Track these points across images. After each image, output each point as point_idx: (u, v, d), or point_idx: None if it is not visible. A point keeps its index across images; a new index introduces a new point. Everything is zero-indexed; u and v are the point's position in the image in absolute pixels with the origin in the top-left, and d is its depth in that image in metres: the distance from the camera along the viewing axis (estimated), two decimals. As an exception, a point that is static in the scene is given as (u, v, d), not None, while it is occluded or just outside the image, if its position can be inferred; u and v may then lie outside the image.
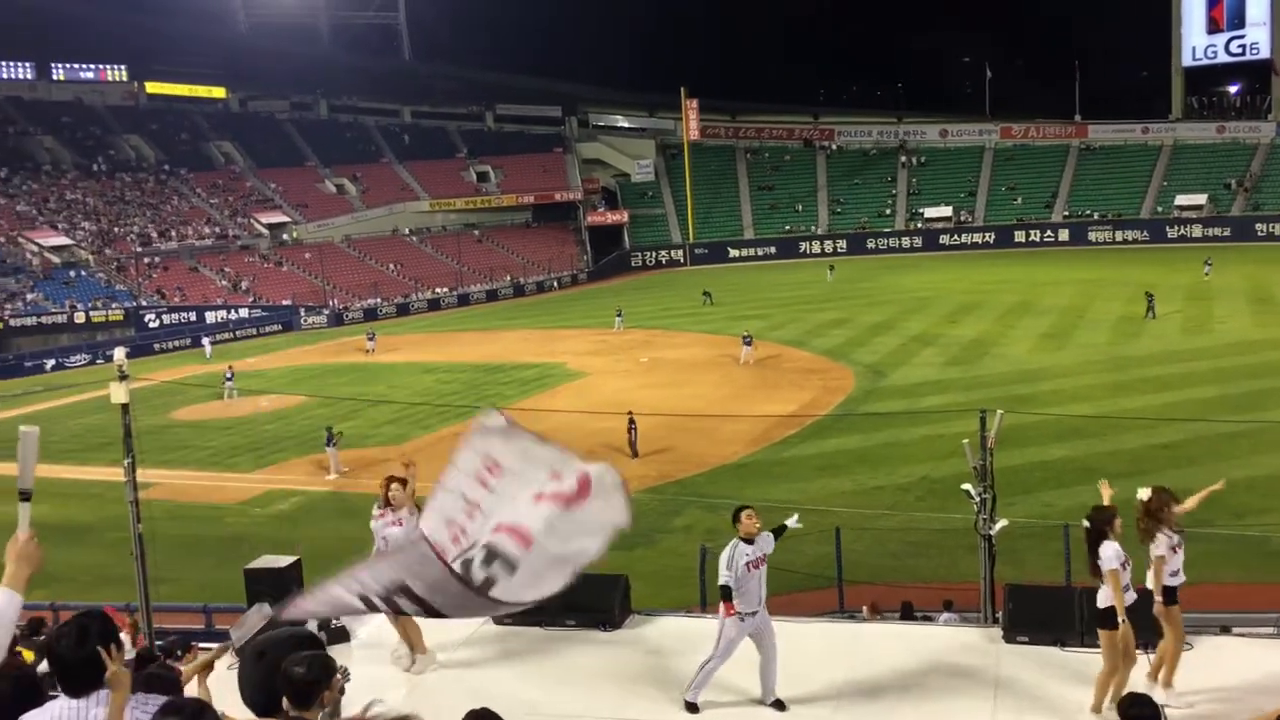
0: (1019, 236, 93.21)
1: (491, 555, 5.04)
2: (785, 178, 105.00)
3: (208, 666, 6.61)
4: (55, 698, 4.44)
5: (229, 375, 46.03)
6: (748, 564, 9.63)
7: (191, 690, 6.17)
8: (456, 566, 4.88)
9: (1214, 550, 18.44)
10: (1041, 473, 27.13)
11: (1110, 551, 8.90)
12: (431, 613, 5.14)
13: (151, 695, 4.49)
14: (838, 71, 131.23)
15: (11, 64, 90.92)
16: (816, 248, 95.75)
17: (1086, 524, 9.14)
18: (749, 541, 9.70)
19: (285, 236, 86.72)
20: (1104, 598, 8.97)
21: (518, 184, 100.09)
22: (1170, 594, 9.25)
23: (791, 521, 10.41)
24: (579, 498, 5.48)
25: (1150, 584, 9.35)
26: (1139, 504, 9.35)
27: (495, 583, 4.94)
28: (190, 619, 17.58)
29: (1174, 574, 9.30)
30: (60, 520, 30.29)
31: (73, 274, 72.85)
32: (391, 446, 34.60)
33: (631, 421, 31.95)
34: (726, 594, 9.52)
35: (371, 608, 5.17)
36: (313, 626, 11.19)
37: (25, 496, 4.54)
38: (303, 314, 72.50)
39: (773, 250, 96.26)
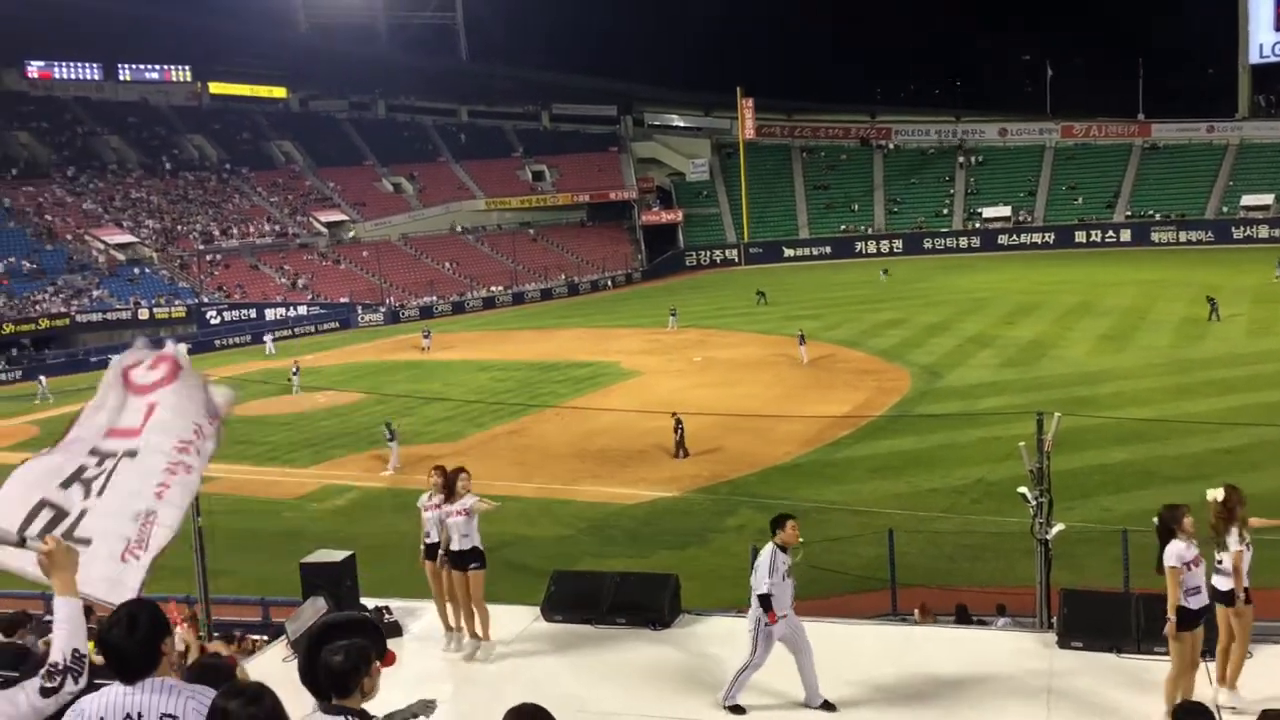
0: (1079, 237, 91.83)
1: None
2: (841, 177, 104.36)
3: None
4: (107, 684, 4.54)
5: (295, 370, 46.84)
6: (785, 572, 9.61)
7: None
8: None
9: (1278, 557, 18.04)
10: (1100, 476, 26.73)
11: (1173, 550, 8.75)
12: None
13: (202, 687, 4.57)
14: (895, 70, 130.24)
15: (80, 65, 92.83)
16: (872, 247, 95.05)
17: (1156, 521, 9.00)
18: (784, 549, 9.67)
19: (344, 235, 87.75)
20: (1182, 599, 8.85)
21: (573, 183, 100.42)
22: (1245, 594, 9.09)
23: None
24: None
25: (1222, 585, 9.14)
26: (1214, 503, 9.15)
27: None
28: (248, 611, 17.86)
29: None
30: (123, 512, 30.88)
31: (137, 271, 74.25)
32: (445, 443, 34.90)
33: (678, 422, 31.91)
34: (767, 603, 9.49)
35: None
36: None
37: (22, 544, 4.66)
38: (360, 312, 73.31)
39: (828, 250, 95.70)
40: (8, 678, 7.47)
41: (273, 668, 10.43)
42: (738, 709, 9.60)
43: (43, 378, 53.52)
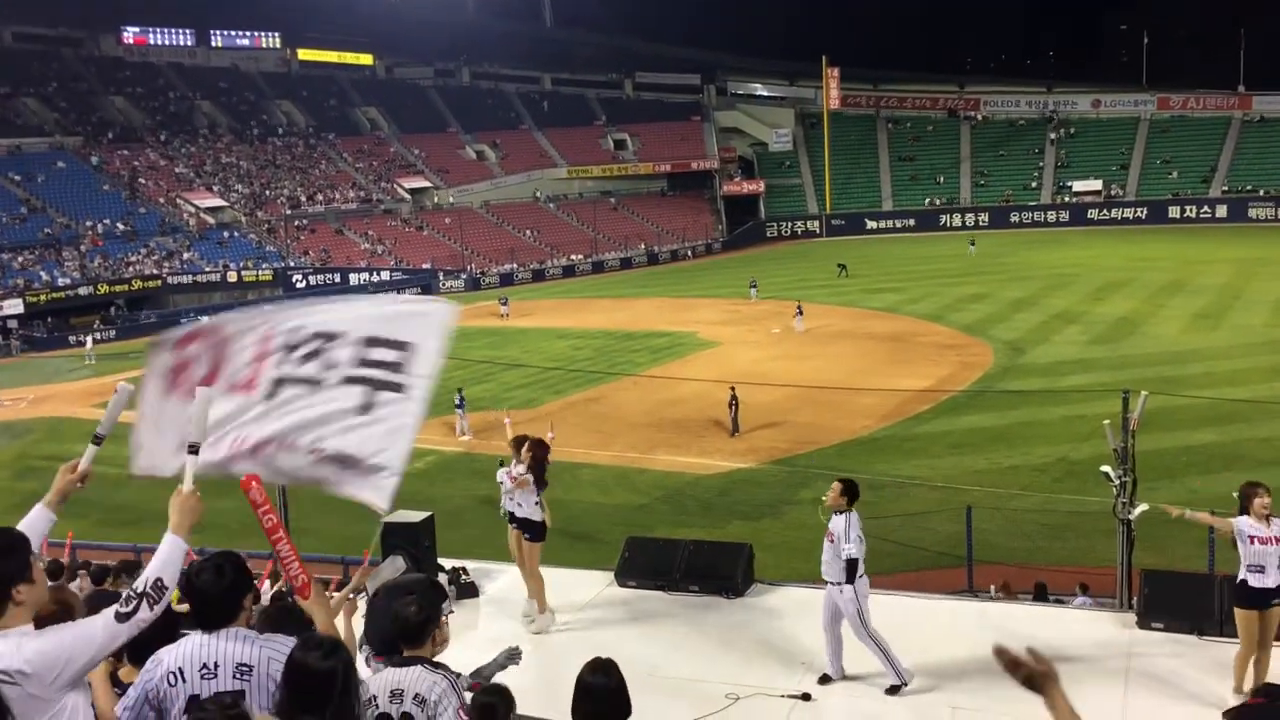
0: (1173, 212, 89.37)
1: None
2: (927, 148, 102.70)
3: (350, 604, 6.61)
4: (186, 634, 4.68)
5: None
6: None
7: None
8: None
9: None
10: (1187, 457, 26.13)
11: (1242, 519, 8.95)
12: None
13: (278, 636, 4.70)
14: (985, 40, 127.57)
15: (174, 31, 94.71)
16: (957, 220, 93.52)
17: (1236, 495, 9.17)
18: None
19: (427, 201, 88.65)
20: (1243, 574, 8.92)
21: (654, 152, 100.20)
22: None
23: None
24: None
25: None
26: None
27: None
28: (328, 569, 18.24)
29: None
30: (211, 470, 31.70)
31: (226, 234, 75.85)
32: (523, 410, 35.21)
33: (734, 397, 31.48)
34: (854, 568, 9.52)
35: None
36: (443, 582, 11.52)
37: (97, 441, 4.72)
38: (441, 278, 74.10)
39: (911, 223, 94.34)
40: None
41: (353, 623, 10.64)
42: (896, 689, 9.53)
43: (89, 340, 55.06)
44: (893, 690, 9.40)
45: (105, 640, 4.09)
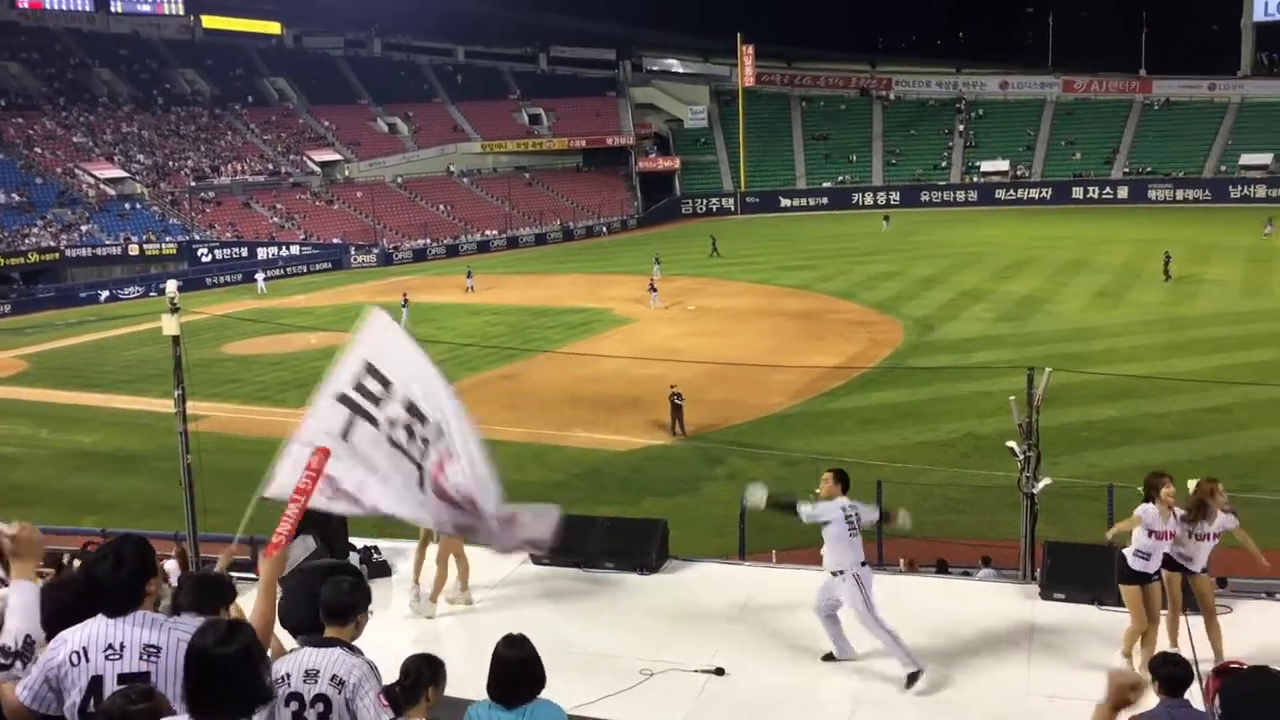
0: (1077, 193, 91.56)
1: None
2: (840, 127, 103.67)
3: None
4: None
5: (404, 302, 46.69)
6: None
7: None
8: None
9: (1266, 516, 18.20)
10: (1088, 432, 26.85)
11: (1148, 510, 9.20)
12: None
13: (188, 618, 4.61)
14: (896, 19, 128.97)
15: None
16: (870, 199, 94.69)
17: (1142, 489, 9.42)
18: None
19: (338, 175, 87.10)
20: (1128, 554, 9.31)
21: (569, 127, 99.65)
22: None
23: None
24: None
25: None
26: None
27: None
28: (236, 550, 17.89)
29: (1187, 558, 9.41)
30: (112, 449, 30.94)
31: (128, 206, 73.70)
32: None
33: (678, 396, 29.52)
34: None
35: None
36: (355, 560, 11.38)
37: None
38: (353, 253, 72.96)
39: (825, 201, 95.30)
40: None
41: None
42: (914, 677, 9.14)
43: None
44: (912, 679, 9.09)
45: None
